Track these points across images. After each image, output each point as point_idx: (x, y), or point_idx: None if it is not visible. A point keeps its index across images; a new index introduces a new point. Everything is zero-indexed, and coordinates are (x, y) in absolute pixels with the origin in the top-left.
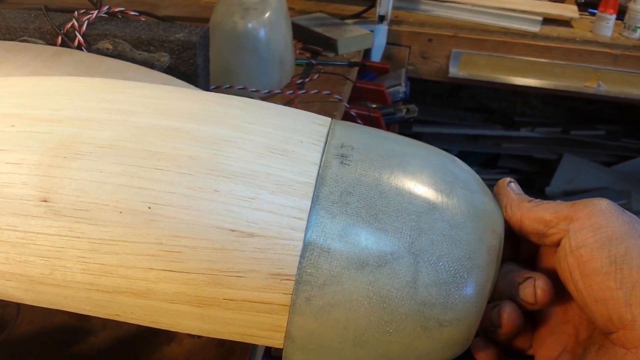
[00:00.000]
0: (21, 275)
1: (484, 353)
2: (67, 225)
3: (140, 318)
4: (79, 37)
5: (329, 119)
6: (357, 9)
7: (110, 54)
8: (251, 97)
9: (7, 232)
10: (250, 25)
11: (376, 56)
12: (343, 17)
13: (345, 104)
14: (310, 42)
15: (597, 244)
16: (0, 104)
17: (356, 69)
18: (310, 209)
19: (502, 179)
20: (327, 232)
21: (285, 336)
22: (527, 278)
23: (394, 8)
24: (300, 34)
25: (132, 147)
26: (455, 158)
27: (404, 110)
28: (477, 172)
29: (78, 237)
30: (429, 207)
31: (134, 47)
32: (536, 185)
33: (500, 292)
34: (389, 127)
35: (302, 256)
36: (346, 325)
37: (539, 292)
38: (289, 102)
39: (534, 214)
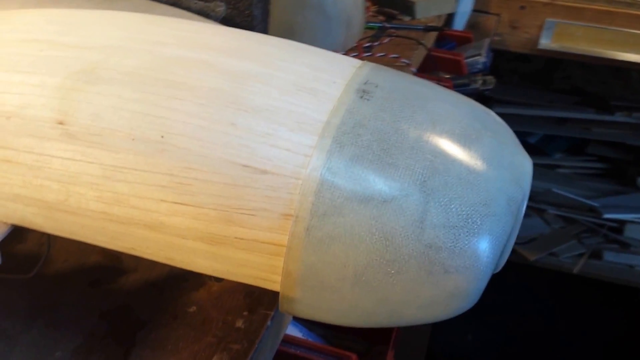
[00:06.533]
0: (39, 200)
1: None
2: (81, 149)
3: (155, 253)
4: None
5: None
6: None
7: (165, 1)
8: None
9: (24, 154)
10: None
11: (459, 24)
12: None
13: (413, 69)
14: (385, 4)
15: None
16: (34, 30)
17: (433, 34)
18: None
19: None
20: (333, 160)
21: (282, 271)
22: None
23: None
24: None
25: (153, 76)
26: (490, 111)
27: (480, 82)
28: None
29: (91, 163)
30: (448, 149)
31: None
32: (627, 175)
33: None
34: None
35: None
36: (346, 262)
37: None
38: None
39: None
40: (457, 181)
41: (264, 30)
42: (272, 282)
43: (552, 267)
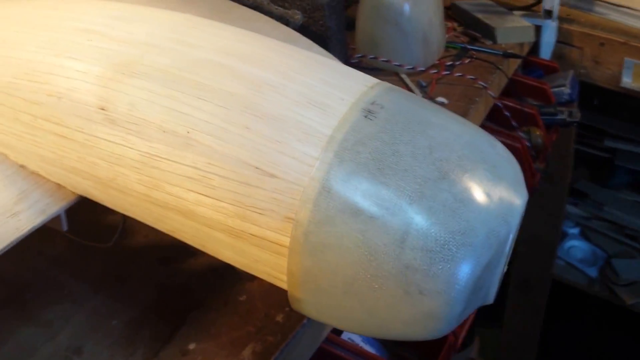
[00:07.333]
0: (92, 175)
1: None
2: (121, 135)
3: (191, 238)
4: None
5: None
6: (530, 1)
7: (250, 5)
8: (395, 72)
9: (76, 132)
10: None
11: (545, 53)
12: (512, 8)
13: (491, 92)
14: (470, 27)
15: None
16: (88, 20)
17: (513, 61)
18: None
19: None
20: (332, 173)
21: (287, 271)
22: None
23: (569, 6)
24: (461, 17)
25: (182, 76)
26: (497, 144)
27: (566, 113)
28: None
29: (131, 148)
30: (439, 176)
31: (271, 1)
32: None
33: None
34: (550, 129)
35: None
36: (336, 270)
37: None
38: (429, 81)
39: None
40: (441, 208)
41: (343, 41)
42: (280, 280)
43: None
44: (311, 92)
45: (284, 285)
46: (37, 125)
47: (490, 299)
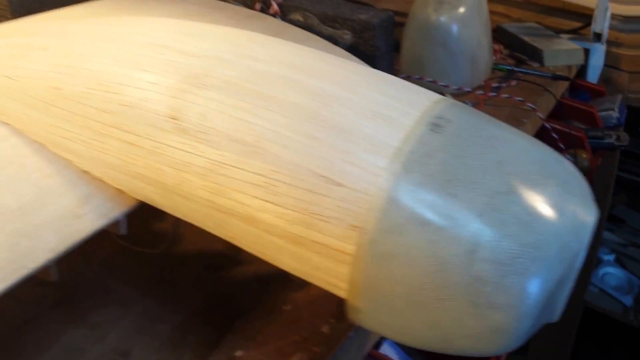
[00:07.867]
0: (157, 181)
1: None
2: (191, 143)
3: (251, 245)
4: (275, 5)
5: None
6: (578, 24)
7: (301, 25)
8: (440, 92)
9: (145, 139)
10: (442, 19)
11: (593, 77)
12: (559, 31)
13: (539, 114)
14: (516, 49)
15: None
16: (158, 36)
17: (561, 84)
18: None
19: None
20: (400, 183)
21: (348, 279)
22: None
23: (618, 30)
24: (507, 40)
25: (249, 87)
26: (565, 161)
27: (614, 137)
28: None
29: (199, 155)
30: (509, 189)
31: (321, 22)
32: None
33: None
34: (597, 152)
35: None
36: (401, 280)
37: None
38: (476, 102)
39: None
40: (513, 220)
41: (390, 61)
42: (340, 289)
43: None
44: (376, 105)
45: (343, 294)
46: (107, 133)
47: (555, 316)
